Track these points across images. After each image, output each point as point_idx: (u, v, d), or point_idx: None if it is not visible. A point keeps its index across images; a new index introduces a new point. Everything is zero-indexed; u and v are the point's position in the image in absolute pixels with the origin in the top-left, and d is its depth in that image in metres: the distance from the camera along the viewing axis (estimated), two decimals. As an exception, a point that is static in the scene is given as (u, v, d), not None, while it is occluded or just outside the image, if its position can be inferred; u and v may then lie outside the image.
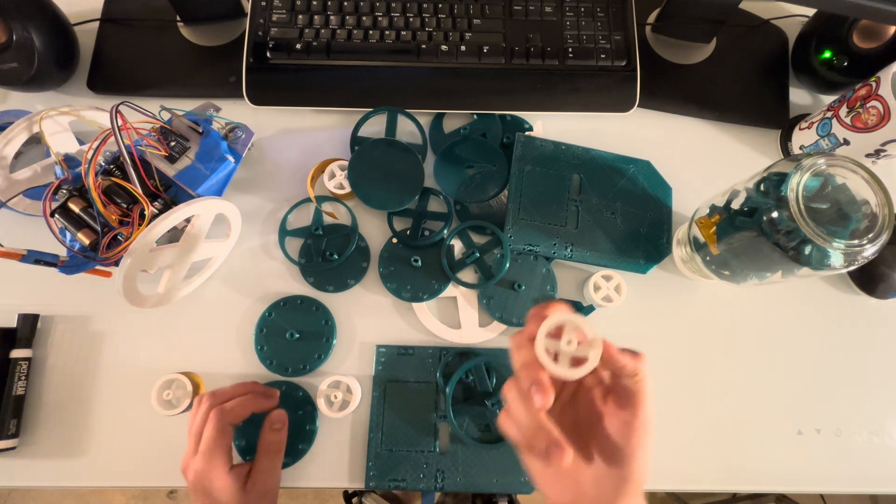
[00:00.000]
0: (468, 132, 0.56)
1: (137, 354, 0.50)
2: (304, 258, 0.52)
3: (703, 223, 0.47)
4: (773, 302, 0.54)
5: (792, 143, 0.58)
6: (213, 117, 0.48)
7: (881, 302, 0.55)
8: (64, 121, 0.51)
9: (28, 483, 0.47)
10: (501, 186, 0.55)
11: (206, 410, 0.42)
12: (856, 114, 0.50)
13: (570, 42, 0.57)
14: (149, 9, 0.59)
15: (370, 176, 0.53)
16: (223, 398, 0.43)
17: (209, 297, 0.52)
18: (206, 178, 0.46)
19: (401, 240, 0.53)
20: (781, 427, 0.51)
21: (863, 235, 0.38)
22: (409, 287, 0.52)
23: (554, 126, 0.58)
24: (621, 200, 0.54)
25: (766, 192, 0.41)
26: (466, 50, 0.56)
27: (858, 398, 0.52)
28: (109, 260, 0.42)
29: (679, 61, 0.61)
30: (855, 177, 0.40)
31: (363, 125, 0.56)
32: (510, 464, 0.48)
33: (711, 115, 0.60)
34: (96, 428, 0.48)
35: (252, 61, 0.56)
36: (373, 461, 0.47)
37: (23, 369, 0.48)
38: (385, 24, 0.57)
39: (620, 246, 0.53)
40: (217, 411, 0.42)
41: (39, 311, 0.50)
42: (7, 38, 0.50)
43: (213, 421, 0.41)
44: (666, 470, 0.50)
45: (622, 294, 0.51)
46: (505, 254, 0.52)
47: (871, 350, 0.53)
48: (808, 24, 0.60)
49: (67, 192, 0.43)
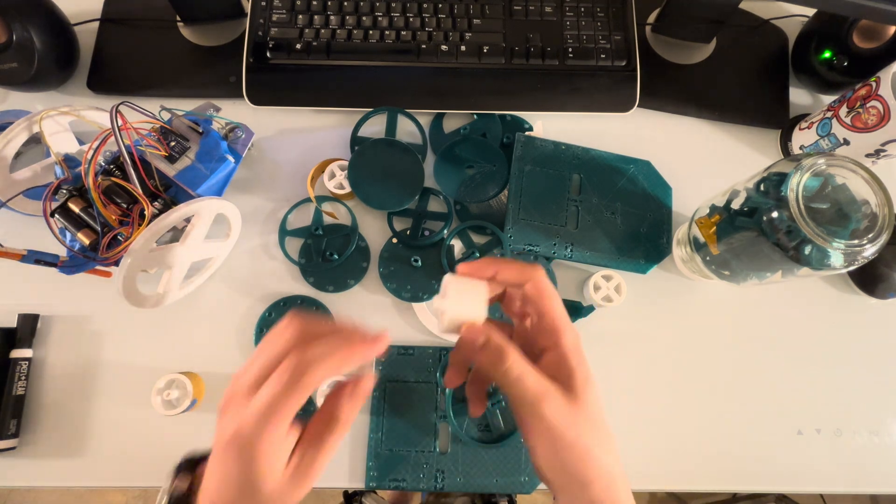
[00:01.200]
0: (468, 132, 0.56)
1: (137, 354, 0.50)
2: (304, 258, 0.52)
3: (703, 223, 0.47)
4: (773, 302, 0.54)
5: (792, 143, 0.58)
6: (213, 117, 0.48)
7: (881, 302, 0.55)
8: (64, 121, 0.51)
9: (28, 483, 0.47)
10: (501, 186, 0.55)
11: (288, 342, 0.29)
12: (856, 114, 0.50)
13: (570, 42, 0.57)
14: (149, 9, 0.59)
15: (370, 176, 0.53)
16: (315, 333, 0.29)
17: (209, 297, 0.52)
18: (206, 178, 0.46)
19: (401, 240, 0.53)
20: (781, 427, 0.51)
21: (863, 235, 0.38)
22: (409, 287, 0.52)
23: (554, 126, 0.58)
24: (621, 200, 0.54)
25: (766, 192, 0.41)
26: (466, 50, 0.56)
27: (858, 398, 0.52)
28: (109, 260, 0.42)
29: (679, 61, 0.61)
30: (855, 177, 0.40)
31: (363, 125, 0.56)
32: (510, 464, 0.48)
33: (711, 115, 0.60)
34: (96, 428, 0.48)
35: (252, 61, 0.56)
36: (373, 461, 0.47)
37: (23, 369, 0.48)
38: (385, 24, 0.57)
39: (620, 246, 0.53)
40: (299, 356, 0.28)
41: (39, 311, 0.50)
42: (7, 38, 0.50)
43: (290, 368, 0.27)
44: (666, 470, 0.50)
45: (622, 294, 0.51)
46: (505, 254, 0.52)
47: (871, 350, 0.53)
48: (808, 24, 0.60)
49: (67, 192, 0.43)
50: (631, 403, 0.51)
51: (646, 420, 0.50)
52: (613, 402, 0.50)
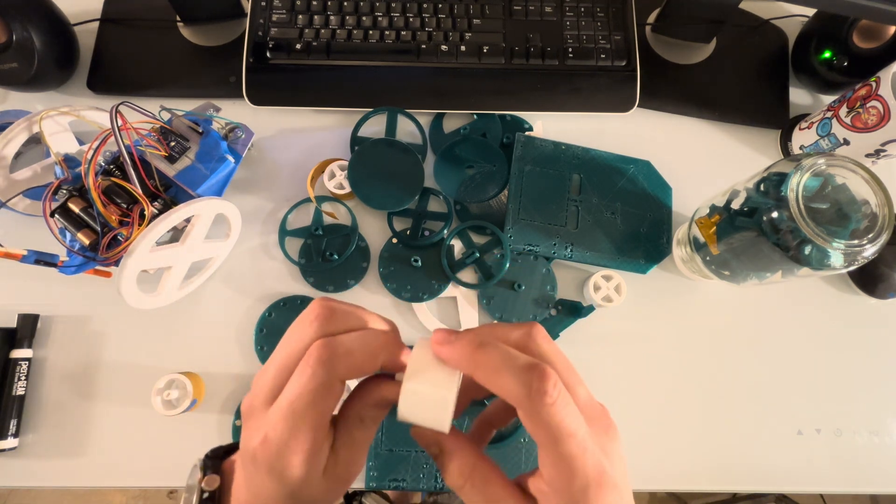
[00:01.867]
0: (468, 132, 0.56)
1: (137, 354, 0.50)
2: (304, 258, 0.52)
3: (703, 223, 0.47)
4: (772, 302, 0.54)
5: (792, 143, 0.58)
6: (213, 117, 0.48)
7: (881, 302, 0.55)
8: (64, 121, 0.51)
9: (28, 483, 0.47)
10: (501, 186, 0.55)
11: (313, 335, 0.24)
12: (856, 114, 0.50)
13: (570, 42, 0.57)
14: (149, 9, 0.59)
15: (370, 176, 0.53)
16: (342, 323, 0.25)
17: (209, 297, 0.52)
18: (206, 178, 0.46)
19: (401, 240, 0.53)
20: (781, 427, 0.51)
21: (863, 235, 0.38)
22: (409, 287, 0.52)
23: (554, 126, 0.58)
24: (621, 200, 0.54)
25: (766, 192, 0.41)
26: (466, 50, 0.56)
27: (858, 398, 0.52)
28: (109, 260, 0.42)
29: (679, 61, 0.61)
30: (855, 177, 0.40)
31: (363, 125, 0.56)
32: (510, 464, 0.48)
33: (711, 115, 0.60)
34: (96, 428, 0.48)
35: (252, 61, 0.56)
36: (373, 461, 0.47)
37: (23, 369, 0.48)
38: (385, 24, 0.57)
39: (620, 246, 0.53)
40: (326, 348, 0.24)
41: (39, 311, 0.50)
42: (7, 38, 0.50)
43: (315, 364, 0.23)
44: (666, 470, 0.50)
45: (622, 294, 0.51)
46: (505, 254, 0.52)
47: (872, 350, 0.53)
48: (808, 24, 0.60)
49: (67, 192, 0.43)
50: (631, 403, 0.51)
51: (646, 420, 0.50)
52: (613, 402, 0.50)
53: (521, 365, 0.22)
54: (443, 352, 0.24)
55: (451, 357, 0.24)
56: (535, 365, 0.22)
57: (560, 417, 0.22)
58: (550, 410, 0.22)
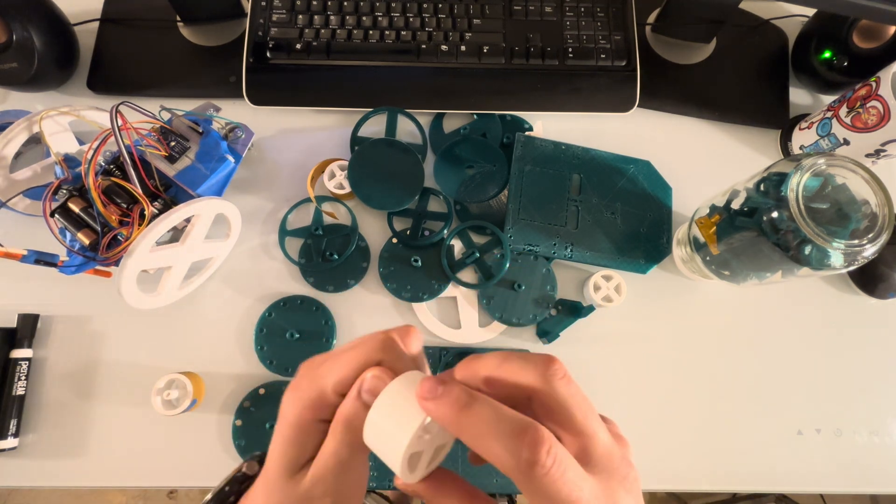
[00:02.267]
0: (468, 132, 0.56)
1: (137, 354, 0.50)
2: (304, 258, 0.52)
3: (703, 223, 0.47)
4: (772, 302, 0.54)
5: (792, 143, 0.58)
6: (213, 117, 0.48)
7: (881, 302, 0.55)
8: (64, 121, 0.51)
9: (28, 483, 0.47)
10: (501, 186, 0.55)
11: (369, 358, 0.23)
12: (856, 114, 0.50)
13: (570, 42, 0.57)
14: (149, 9, 0.59)
15: (370, 176, 0.53)
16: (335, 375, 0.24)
17: (209, 297, 0.52)
18: (206, 178, 0.46)
19: (401, 240, 0.53)
20: (781, 427, 0.51)
21: (863, 235, 0.38)
22: (409, 287, 0.52)
23: (554, 126, 0.58)
24: (621, 200, 0.54)
25: (766, 192, 0.41)
26: (466, 50, 0.56)
27: (858, 398, 0.52)
28: (109, 260, 0.42)
29: (679, 61, 0.61)
30: (855, 177, 0.40)
31: (363, 125, 0.56)
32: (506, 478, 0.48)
33: (711, 115, 0.60)
34: (96, 428, 0.48)
35: (252, 61, 0.56)
36: (373, 461, 0.47)
37: (23, 369, 0.48)
38: (385, 24, 0.57)
39: (620, 246, 0.53)
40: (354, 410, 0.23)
41: (39, 311, 0.50)
42: (7, 38, 0.50)
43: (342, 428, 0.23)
44: (666, 470, 0.50)
45: (622, 294, 0.51)
46: (505, 254, 0.52)
47: (871, 350, 0.53)
48: (808, 24, 0.60)
49: (67, 192, 0.43)
50: (631, 403, 0.51)
51: (646, 420, 0.50)
52: (613, 402, 0.51)
53: (510, 430, 0.20)
54: (427, 408, 0.21)
55: (435, 416, 0.21)
56: (525, 429, 0.20)
57: (556, 488, 0.19)
58: (544, 481, 0.19)
